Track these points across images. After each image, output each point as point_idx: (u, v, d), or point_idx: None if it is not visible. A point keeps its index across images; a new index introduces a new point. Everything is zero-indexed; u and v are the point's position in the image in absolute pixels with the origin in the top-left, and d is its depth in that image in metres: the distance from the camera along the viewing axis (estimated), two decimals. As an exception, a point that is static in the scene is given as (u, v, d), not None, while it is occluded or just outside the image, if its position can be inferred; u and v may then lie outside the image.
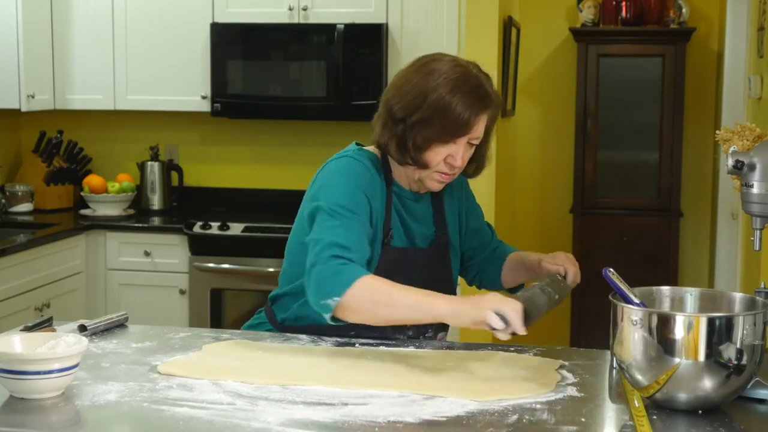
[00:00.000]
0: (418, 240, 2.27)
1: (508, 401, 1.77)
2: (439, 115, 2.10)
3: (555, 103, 5.65)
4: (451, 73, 2.13)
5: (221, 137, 5.03)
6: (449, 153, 2.13)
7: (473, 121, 2.11)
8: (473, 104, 2.10)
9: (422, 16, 4.48)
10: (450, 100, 2.09)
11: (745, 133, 2.07)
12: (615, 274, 1.78)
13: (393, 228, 2.23)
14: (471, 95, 2.11)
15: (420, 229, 2.28)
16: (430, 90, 2.11)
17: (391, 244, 2.22)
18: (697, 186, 5.55)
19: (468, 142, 2.15)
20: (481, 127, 2.15)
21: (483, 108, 2.13)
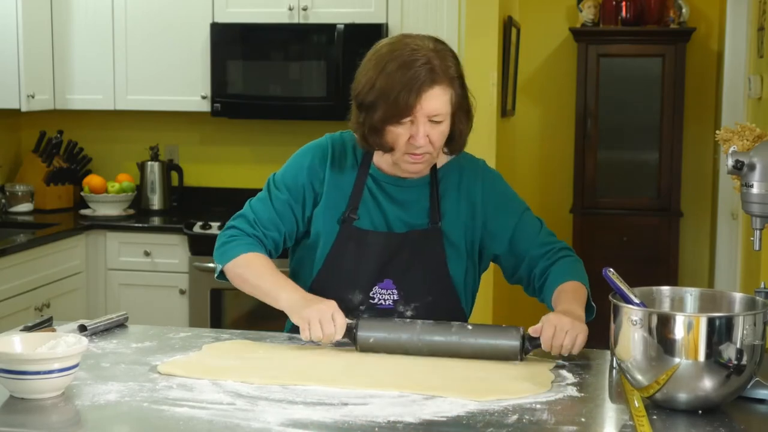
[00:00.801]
0: (396, 225, 2.25)
1: (508, 401, 1.77)
2: (384, 97, 2.10)
3: (555, 103, 5.65)
4: (394, 54, 2.13)
5: (221, 137, 5.03)
6: (410, 134, 2.13)
7: (415, 100, 2.09)
8: (413, 83, 2.08)
9: (422, 16, 4.48)
10: (391, 81, 2.09)
11: (745, 133, 2.07)
12: (615, 274, 1.78)
13: (362, 209, 2.24)
14: (411, 74, 2.09)
15: (401, 215, 2.25)
16: (376, 73, 2.13)
17: (354, 224, 2.24)
18: (697, 186, 5.55)
19: (430, 120, 2.12)
20: (435, 104, 2.10)
21: (426, 85, 2.09)
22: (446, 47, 2.18)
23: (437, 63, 2.11)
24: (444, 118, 2.14)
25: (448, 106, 2.14)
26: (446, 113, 2.14)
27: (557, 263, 2.24)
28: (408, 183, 2.26)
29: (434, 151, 2.17)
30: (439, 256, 2.25)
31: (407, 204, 2.26)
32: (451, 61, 2.15)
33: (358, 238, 2.24)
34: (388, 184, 2.26)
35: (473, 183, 2.28)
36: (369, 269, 2.23)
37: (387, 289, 2.23)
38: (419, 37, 2.18)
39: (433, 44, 2.16)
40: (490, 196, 2.29)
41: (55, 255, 4.30)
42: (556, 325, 1.98)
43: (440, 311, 2.24)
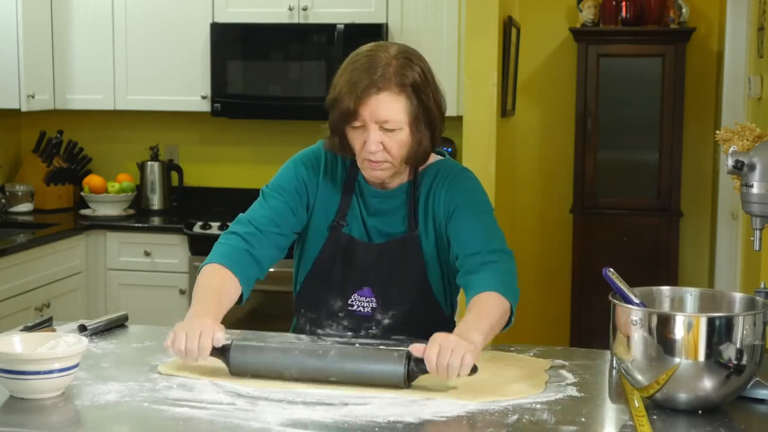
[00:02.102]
0: (375, 236, 2.26)
1: (508, 401, 1.77)
2: (335, 99, 2.14)
3: (555, 103, 5.65)
4: (355, 59, 2.16)
5: (221, 137, 5.03)
6: (364, 139, 2.13)
7: (356, 104, 2.09)
8: (356, 87, 2.09)
9: (422, 16, 4.48)
10: (342, 84, 2.13)
11: (745, 133, 2.07)
12: (615, 274, 1.78)
13: (351, 216, 2.25)
14: (357, 78, 2.10)
15: (380, 225, 2.25)
16: (338, 77, 2.18)
17: (343, 230, 2.24)
18: (697, 186, 5.54)
19: (381, 128, 2.11)
20: (383, 110, 2.09)
21: (369, 90, 2.08)
22: (413, 57, 2.15)
23: (391, 70, 2.10)
24: (398, 126, 2.11)
25: (403, 115, 2.11)
26: (400, 121, 2.11)
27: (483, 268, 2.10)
28: (388, 193, 2.26)
29: (393, 159, 2.15)
30: (416, 263, 2.24)
31: (385, 214, 2.26)
32: (411, 71, 2.12)
33: (344, 245, 2.25)
34: (370, 196, 2.26)
35: (441, 185, 2.24)
36: (350, 276, 2.24)
37: (366, 297, 2.24)
38: (391, 45, 2.19)
39: (399, 53, 2.14)
40: (451, 199, 2.22)
41: (55, 255, 4.30)
42: (441, 343, 1.84)
43: (419, 317, 2.23)
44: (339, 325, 2.26)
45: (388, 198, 2.26)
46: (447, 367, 1.82)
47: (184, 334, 1.92)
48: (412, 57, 2.15)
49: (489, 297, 2.04)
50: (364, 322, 2.24)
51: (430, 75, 2.17)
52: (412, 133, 2.14)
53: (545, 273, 5.70)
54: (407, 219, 2.24)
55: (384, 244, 2.24)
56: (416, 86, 2.12)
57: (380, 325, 2.24)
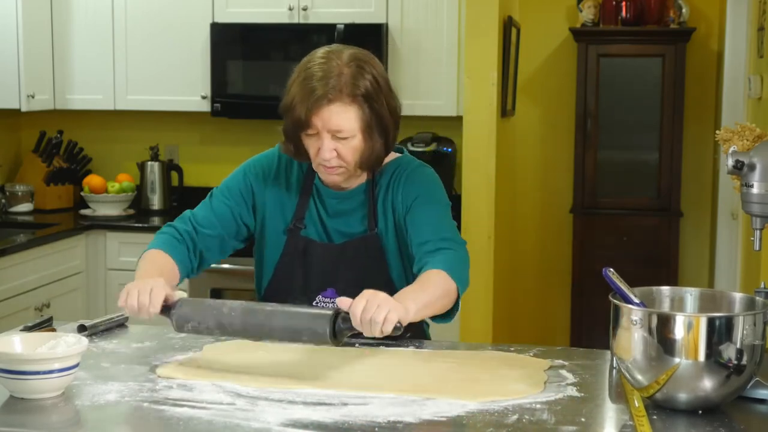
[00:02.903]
0: (335, 236, 2.27)
1: (508, 401, 1.77)
2: (287, 107, 2.16)
3: (555, 103, 5.65)
4: (307, 65, 2.16)
5: (221, 137, 5.03)
6: (318, 146, 2.15)
7: (308, 114, 2.11)
8: (309, 98, 2.11)
9: (422, 16, 4.48)
10: (294, 93, 2.14)
11: (745, 133, 2.07)
12: (615, 274, 1.78)
13: (308, 218, 2.27)
14: (310, 89, 2.11)
15: (339, 226, 2.27)
16: (291, 82, 2.19)
17: (301, 233, 2.26)
18: (697, 186, 5.55)
19: (334, 136, 2.13)
20: (336, 120, 2.11)
21: (320, 101, 2.10)
22: (366, 64, 2.16)
23: (343, 80, 2.11)
24: (351, 134, 2.14)
25: (355, 123, 2.13)
26: (353, 129, 2.13)
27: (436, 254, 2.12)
28: (344, 194, 2.27)
29: (348, 165, 2.17)
30: (378, 262, 2.25)
31: (344, 215, 2.27)
32: (364, 80, 2.13)
33: (304, 248, 2.26)
34: (328, 197, 2.28)
35: (397, 186, 2.26)
36: (313, 278, 2.26)
37: (330, 298, 2.25)
38: (344, 50, 2.18)
39: (351, 60, 2.15)
40: (407, 195, 2.24)
41: (55, 255, 4.30)
42: (368, 298, 1.85)
43: None
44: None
45: (346, 199, 2.28)
46: (370, 321, 1.83)
47: (136, 291, 2.01)
48: (364, 65, 2.16)
49: (433, 273, 2.05)
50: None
51: (382, 80, 2.18)
52: (365, 140, 2.16)
53: (545, 273, 5.70)
54: (366, 218, 2.26)
55: (344, 245, 2.26)
56: (368, 95, 2.13)
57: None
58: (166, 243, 2.27)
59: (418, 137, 4.55)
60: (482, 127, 4.28)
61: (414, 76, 4.50)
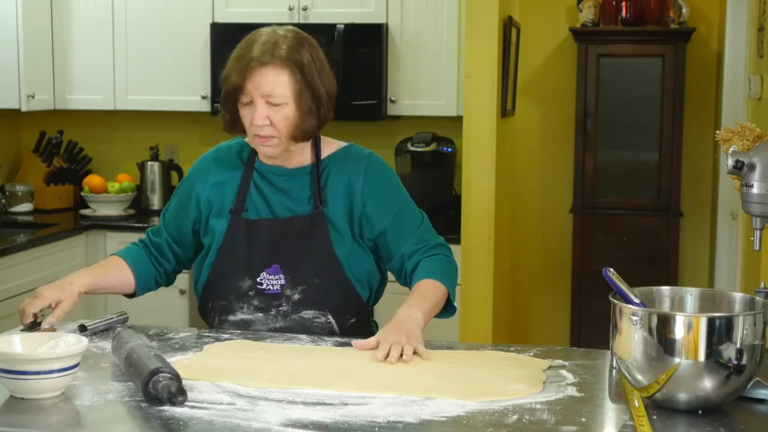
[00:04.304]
0: (281, 211, 2.32)
1: (508, 401, 1.77)
2: (224, 76, 2.23)
3: (555, 103, 5.65)
4: (243, 41, 2.25)
5: (221, 137, 5.00)
6: (252, 115, 2.21)
7: (242, 78, 2.18)
8: (242, 62, 2.19)
9: (422, 16, 4.48)
10: (230, 62, 2.23)
11: (745, 133, 2.06)
12: (615, 274, 1.78)
13: (249, 202, 2.32)
14: (243, 54, 2.20)
15: (285, 202, 2.32)
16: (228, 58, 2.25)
17: (243, 216, 2.31)
18: (697, 186, 5.55)
19: (267, 102, 2.19)
20: (268, 84, 2.18)
21: (253, 64, 2.18)
22: (301, 36, 2.26)
23: (277, 47, 2.20)
24: (284, 100, 2.20)
25: (287, 90, 2.20)
26: (286, 96, 2.20)
27: (427, 260, 2.30)
28: (291, 172, 2.33)
29: (279, 134, 2.22)
30: (323, 239, 2.29)
31: (291, 192, 2.33)
32: (298, 52, 2.22)
33: (246, 228, 2.31)
34: (272, 174, 2.34)
35: (356, 170, 2.34)
36: (257, 257, 2.30)
37: (274, 275, 2.29)
38: (285, 28, 2.28)
39: (286, 32, 2.25)
40: (370, 183, 2.33)
41: (55, 255, 4.29)
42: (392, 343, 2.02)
43: (329, 293, 2.29)
44: (249, 305, 2.30)
45: (291, 177, 2.33)
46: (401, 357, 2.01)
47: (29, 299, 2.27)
48: (303, 42, 2.26)
49: (429, 283, 2.24)
50: (274, 300, 2.29)
51: (318, 62, 2.27)
52: (297, 107, 2.22)
53: (545, 273, 5.70)
54: (312, 198, 2.31)
55: (290, 219, 2.30)
56: (301, 63, 2.22)
57: (290, 301, 2.29)
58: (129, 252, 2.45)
59: (418, 137, 4.55)
60: (482, 127, 4.28)
61: (414, 76, 4.50)
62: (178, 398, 1.71)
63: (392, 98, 4.52)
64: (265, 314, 2.29)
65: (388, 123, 4.71)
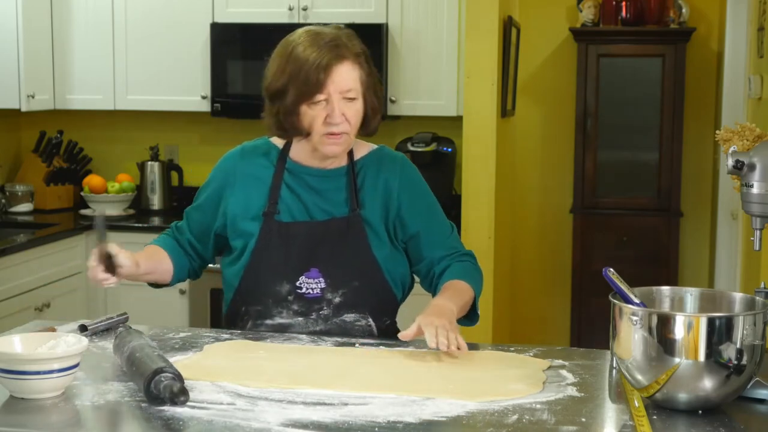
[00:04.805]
0: (317, 213, 2.29)
1: (508, 401, 1.77)
2: (294, 78, 2.17)
3: (555, 103, 5.65)
4: (299, 41, 2.21)
5: (221, 137, 5.02)
6: (326, 113, 2.17)
7: (325, 75, 2.15)
8: (321, 59, 2.15)
9: (422, 16, 4.48)
10: (300, 60, 2.16)
11: (745, 133, 2.06)
12: (615, 274, 1.78)
13: (282, 204, 2.29)
14: (319, 51, 2.16)
15: (321, 204, 2.29)
16: (284, 60, 2.20)
17: (275, 218, 2.28)
18: (697, 186, 5.55)
19: (344, 98, 2.18)
20: (347, 80, 2.17)
21: (334, 61, 2.15)
22: (348, 30, 2.26)
23: (342, 41, 2.19)
24: (356, 95, 2.20)
25: (359, 84, 2.20)
26: (358, 90, 2.20)
27: (457, 264, 2.32)
28: (326, 173, 2.30)
29: (351, 130, 2.22)
30: (361, 240, 2.28)
31: (326, 193, 2.30)
32: (355, 41, 2.23)
33: (280, 231, 2.28)
34: (306, 175, 2.31)
35: (392, 173, 2.33)
36: (294, 260, 2.26)
37: (314, 278, 2.26)
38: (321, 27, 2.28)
39: (336, 29, 2.24)
40: (406, 186, 2.33)
41: (55, 255, 4.29)
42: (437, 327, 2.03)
43: (369, 295, 2.28)
44: (288, 310, 2.28)
45: (327, 178, 2.31)
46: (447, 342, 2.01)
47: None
48: (350, 31, 2.26)
49: (460, 283, 2.26)
50: (315, 303, 2.26)
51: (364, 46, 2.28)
52: (365, 102, 2.23)
53: (545, 273, 5.70)
54: (348, 200, 2.29)
55: (328, 222, 2.28)
56: (367, 57, 2.23)
57: (331, 304, 2.27)
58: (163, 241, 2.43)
59: (418, 137, 4.55)
60: (482, 127, 4.28)
61: (414, 76, 4.50)
62: (180, 398, 1.72)
63: (392, 98, 4.52)
64: (305, 318, 2.26)
65: (388, 123, 4.71)
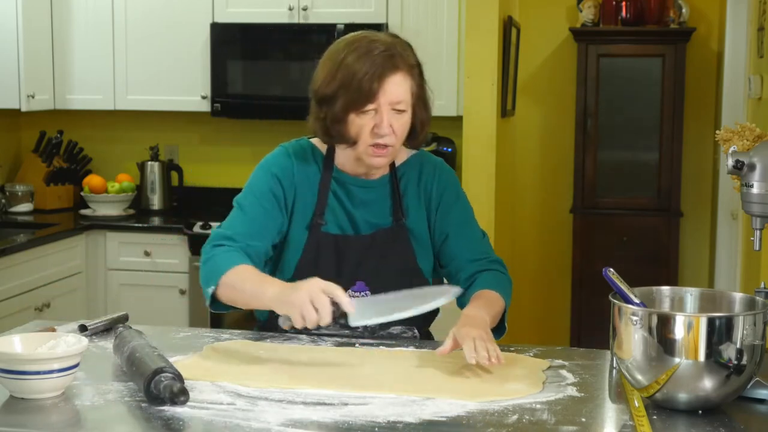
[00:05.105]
0: (363, 227, 2.26)
1: (508, 401, 1.77)
2: (345, 86, 2.11)
3: (555, 103, 5.65)
4: (353, 47, 2.14)
5: (221, 137, 5.03)
6: (374, 123, 2.13)
7: (378, 85, 2.09)
8: (375, 68, 2.09)
9: (422, 16, 4.48)
10: (353, 68, 2.10)
11: (745, 133, 2.06)
12: (615, 274, 1.78)
13: (329, 213, 2.24)
14: (373, 61, 2.10)
15: (367, 216, 2.26)
16: (335, 65, 2.13)
17: (322, 229, 2.23)
18: (697, 186, 5.55)
19: (393, 109, 2.13)
20: (398, 91, 2.12)
21: (387, 71, 2.10)
22: (403, 39, 2.21)
23: (396, 51, 2.14)
24: (406, 107, 2.15)
25: (409, 95, 2.16)
26: (408, 102, 2.15)
27: (487, 273, 2.25)
28: (371, 183, 2.27)
29: (396, 142, 2.17)
30: (407, 252, 2.26)
31: (371, 204, 2.27)
32: (409, 51, 2.18)
33: (327, 244, 2.23)
34: (352, 185, 2.26)
35: (431, 177, 2.30)
36: (340, 274, 2.21)
37: (360, 292, 2.24)
38: (376, 32, 2.22)
39: (391, 37, 2.19)
40: (444, 189, 2.30)
41: (55, 255, 4.30)
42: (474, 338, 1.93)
43: None
44: (335, 324, 2.23)
45: (371, 188, 2.27)
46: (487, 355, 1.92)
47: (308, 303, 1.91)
48: (404, 40, 2.21)
49: (492, 293, 2.18)
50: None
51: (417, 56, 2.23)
52: (414, 114, 2.18)
53: (545, 273, 5.70)
54: (393, 210, 2.26)
55: (373, 235, 2.25)
56: (420, 67, 2.19)
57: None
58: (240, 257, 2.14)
59: (418, 137, 4.55)
60: (482, 127, 4.28)
61: (414, 76, 4.50)
62: (180, 398, 1.72)
63: (392, 98, 4.52)
64: (352, 331, 2.22)
65: (388, 123, 4.71)
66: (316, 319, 1.91)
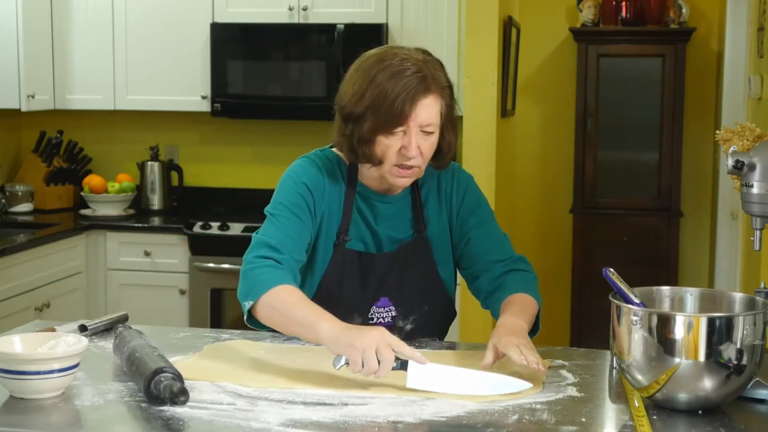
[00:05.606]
0: (386, 243, 2.22)
1: (508, 401, 1.77)
2: (376, 105, 2.04)
3: (555, 103, 5.65)
4: (384, 64, 2.07)
5: (221, 137, 5.03)
6: (402, 144, 2.08)
7: (409, 108, 2.04)
8: (407, 91, 2.03)
9: (422, 16, 4.48)
10: (384, 89, 2.03)
11: (745, 133, 2.06)
12: (615, 274, 1.78)
13: (353, 230, 2.20)
14: (405, 82, 2.03)
15: (389, 231, 2.22)
16: (365, 83, 2.07)
17: (347, 246, 2.19)
18: (697, 186, 5.55)
19: (422, 131, 2.08)
20: (429, 114, 2.07)
21: (420, 94, 2.04)
22: (434, 58, 2.15)
23: (428, 72, 2.08)
24: (435, 129, 2.11)
25: (438, 117, 2.11)
26: (437, 124, 2.11)
27: (513, 273, 2.20)
28: (394, 199, 2.24)
29: (423, 163, 2.13)
30: (429, 265, 2.24)
31: (393, 219, 2.23)
32: (440, 72, 2.12)
33: (351, 260, 2.20)
34: (377, 202, 2.22)
35: (450, 183, 2.29)
36: (365, 291, 2.20)
37: (384, 307, 2.22)
38: (406, 48, 2.15)
39: (422, 55, 2.12)
40: (464, 193, 2.28)
41: (55, 255, 4.30)
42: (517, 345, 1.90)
43: (438, 317, 2.27)
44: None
45: (395, 202, 2.24)
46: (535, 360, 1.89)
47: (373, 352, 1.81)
48: (434, 58, 2.15)
49: (522, 296, 2.14)
50: None
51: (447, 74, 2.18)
52: (442, 135, 2.15)
53: (545, 273, 5.69)
54: (413, 221, 2.24)
55: (396, 251, 2.22)
56: (450, 88, 2.15)
57: (402, 331, 2.22)
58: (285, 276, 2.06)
59: (418, 137, 4.55)
60: (482, 127, 4.28)
61: (414, 76, 4.50)
62: (180, 398, 1.72)
63: (392, 98, 4.52)
64: None
65: (388, 123, 4.71)
66: (376, 369, 1.82)
